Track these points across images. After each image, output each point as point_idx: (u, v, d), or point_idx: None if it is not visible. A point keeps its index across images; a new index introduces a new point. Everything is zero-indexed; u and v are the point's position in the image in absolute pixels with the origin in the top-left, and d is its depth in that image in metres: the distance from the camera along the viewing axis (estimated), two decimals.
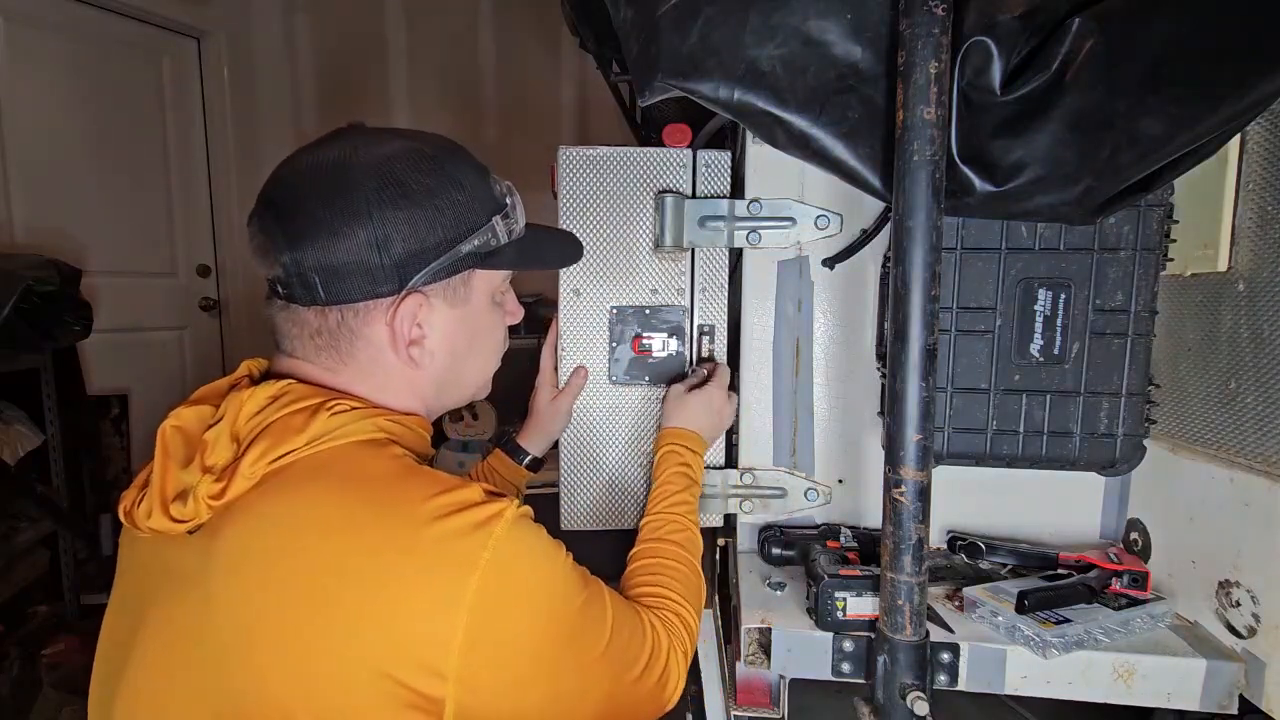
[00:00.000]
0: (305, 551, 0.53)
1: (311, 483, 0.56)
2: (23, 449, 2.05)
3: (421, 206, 0.60)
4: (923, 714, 0.70)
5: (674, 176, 1.01)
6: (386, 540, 0.53)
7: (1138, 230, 0.85)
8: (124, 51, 2.81)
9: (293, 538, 0.54)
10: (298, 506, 0.55)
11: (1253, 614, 0.77)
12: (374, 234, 0.58)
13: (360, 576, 0.52)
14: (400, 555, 0.53)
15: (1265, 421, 0.76)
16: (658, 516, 0.87)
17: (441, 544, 0.53)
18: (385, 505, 0.55)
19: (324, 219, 0.57)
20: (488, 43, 3.63)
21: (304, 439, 0.56)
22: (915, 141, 0.67)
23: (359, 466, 0.58)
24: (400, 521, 0.54)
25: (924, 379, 0.69)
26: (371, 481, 0.57)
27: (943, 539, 0.99)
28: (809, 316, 1.01)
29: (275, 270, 0.60)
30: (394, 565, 0.52)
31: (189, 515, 0.55)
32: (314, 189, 0.58)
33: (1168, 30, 0.69)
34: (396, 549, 0.53)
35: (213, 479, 0.55)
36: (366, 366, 0.64)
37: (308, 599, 0.52)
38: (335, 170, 0.59)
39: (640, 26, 0.81)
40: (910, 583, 0.70)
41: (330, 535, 0.53)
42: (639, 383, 1.04)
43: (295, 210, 0.58)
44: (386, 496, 0.56)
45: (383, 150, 0.60)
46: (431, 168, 0.62)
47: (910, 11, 0.67)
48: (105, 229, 2.74)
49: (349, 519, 0.54)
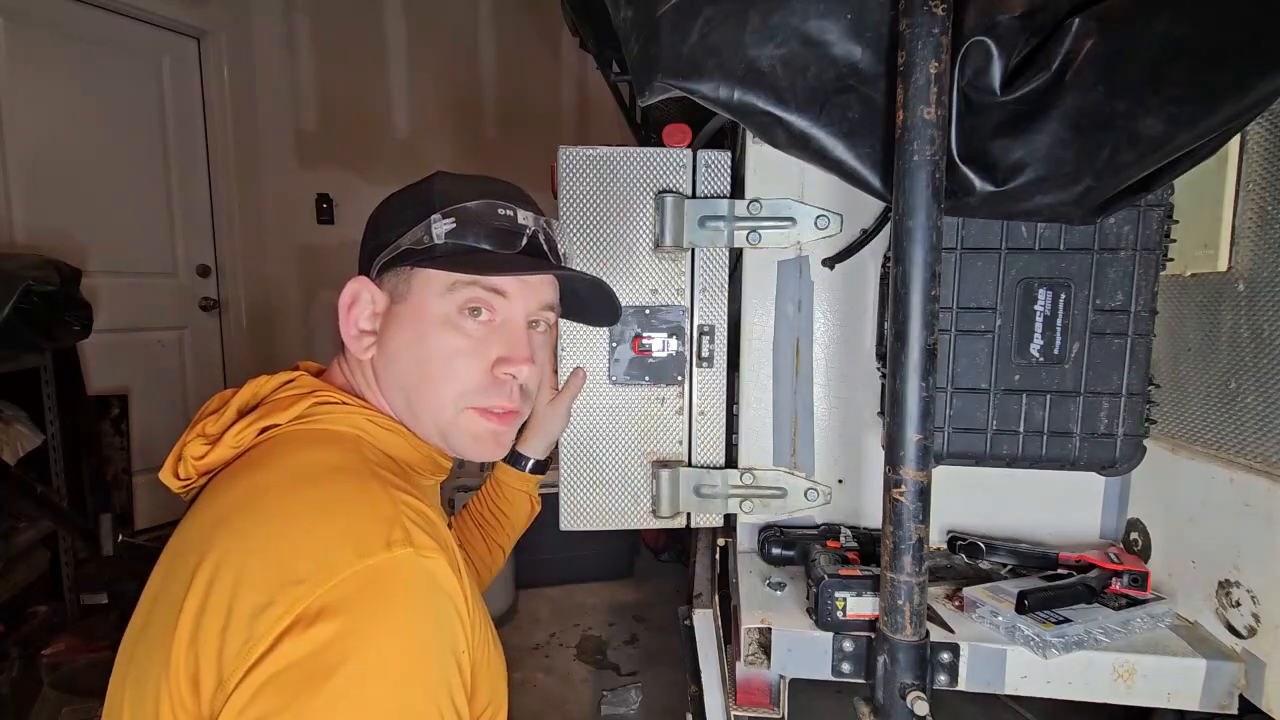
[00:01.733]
0: (219, 516, 0.57)
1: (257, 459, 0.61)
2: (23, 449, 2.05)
3: (408, 207, 0.72)
4: (923, 714, 0.70)
5: (674, 176, 1.01)
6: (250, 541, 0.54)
7: (1138, 230, 0.85)
8: (124, 51, 2.81)
9: (215, 510, 0.58)
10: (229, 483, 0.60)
11: (1253, 614, 0.77)
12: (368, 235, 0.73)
13: (217, 569, 0.53)
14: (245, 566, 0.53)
15: (1265, 421, 0.76)
16: None
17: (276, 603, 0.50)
18: (263, 509, 0.57)
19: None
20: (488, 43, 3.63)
21: (287, 416, 0.63)
22: (915, 141, 0.67)
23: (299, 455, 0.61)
24: (264, 530, 0.55)
25: (924, 379, 0.69)
26: (288, 479, 0.59)
27: (943, 539, 0.99)
28: (809, 316, 1.01)
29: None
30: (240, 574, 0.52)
31: (185, 474, 0.63)
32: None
33: (1168, 30, 0.69)
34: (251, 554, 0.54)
35: (203, 441, 0.62)
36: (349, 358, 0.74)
37: (195, 557, 0.55)
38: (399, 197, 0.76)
39: (640, 26, 0.81)
40: (910, 583, 0.70)
41: (228, 517, 0.57)
42: (639, 383, 1.04)
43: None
44: (274, 500, 0.57)
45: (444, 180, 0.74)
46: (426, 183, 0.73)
47: (910, 11, 0.67)
48: (105, 229, 2.74)
49: (244, 503, 0.57)
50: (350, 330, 0.72)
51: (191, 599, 0.52)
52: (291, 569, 0.51)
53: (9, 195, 2.48)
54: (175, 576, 0.56)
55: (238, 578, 0.51)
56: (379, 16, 3.47)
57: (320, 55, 3.41)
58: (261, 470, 0.59)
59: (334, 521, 0.55)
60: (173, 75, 3.00)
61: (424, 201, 0.71)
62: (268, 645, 0.48)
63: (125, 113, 2.82)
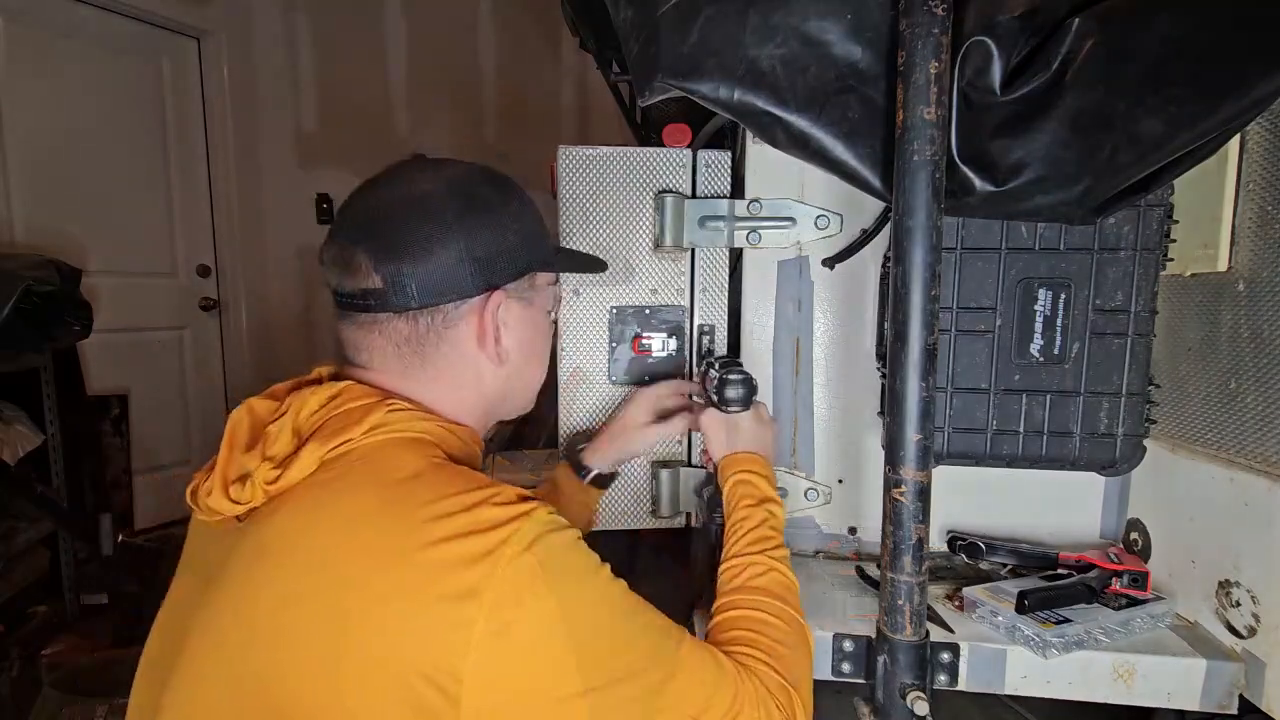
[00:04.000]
0: (328, 547, 0.54)
1: (347, 476, 0.58)
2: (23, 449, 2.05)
3: (495, 214, 0.67)
4: (923, 714, 0.70)
5: (674, 176, 1.01)
6: (390, 546, 0.53)
7: (1138, 230, 0.85)
8: (124, 51, 2.81)
9: (319, 531, 0.55)
10: (328, 499, 0.57)
11: (1253, 614, 0.77)
12: (463, 244, 0.64)
13: (369, 581, 0.52)
14: (403, 565, 0.52)
15: (1265, 421, 0.76)
16: (736, 561, 0.77)
17: (452, 543, 0.52)
18: (394, 505, 0.55)
19: (421, 233, 0.63)
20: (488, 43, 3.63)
21: (361, 429, 0.59)
22: (915, 141, 0.67)
23: (391, 463, 0.59)
24: (403, 525, 0.54)
25: (924, 379, 0.69)
26: (394, 480, 0.57)
27: (943, 539, 0.99)
28: (809, 316, 1.01)
29: (369, 282, 0.63)
30: (398, 575, 0.52)
31: (246, 498, 0.58)
32: (407, 209, 0.64)
33: (1168, 30, 0.69)
34: (399, 556, 0.52)
35: (271, 465, 0.58)
36: (444, 370, 0.67)
37: (328, 594, 0.52)
38: (420, 194, 0.66)
39: (640, 26, 0.81)
40: (910, 583, 0.70)
41: (348, 533, 0.54)
42: (639, 382, 1.04)
43: (393, 228, 0.64)
44: (398, 496, 0.56)
45: (452, 172, 0.68)
46: (494, 183, 0.70)
47: (910, 11, 0.67)
48: (105, 229, 2.74)
49: (364, 517, 0.55)
50: (490, 349, 0.68)
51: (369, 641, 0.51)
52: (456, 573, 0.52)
53: (9, 195, 2.48)
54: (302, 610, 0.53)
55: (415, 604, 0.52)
56: (379, 16, 3.47)
57: (320, 55, 3.41)
58: (360, 534, 0.54)
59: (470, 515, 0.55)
60: (173, 75, 3.00)
61: (519, 211, 0.70)
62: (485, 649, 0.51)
63: (125, 113, 2.82)
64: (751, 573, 0.75)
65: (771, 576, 0.75)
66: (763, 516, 0.80)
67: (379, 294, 0.63)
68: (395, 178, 0.68)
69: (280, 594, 0.54)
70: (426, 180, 0.67)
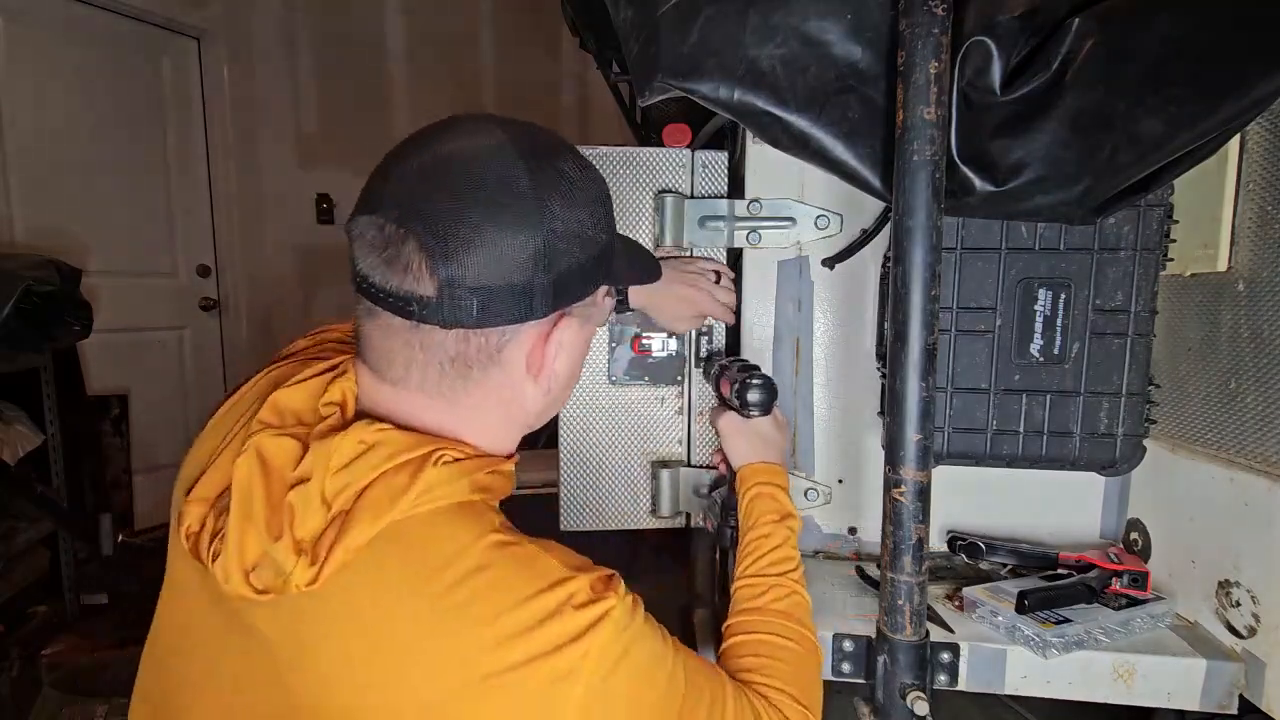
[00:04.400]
0: (383, 651, 0.48)
1: (397, 566, 0.50)
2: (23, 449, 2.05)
3: (578, 204, 0.55)
4: (923, 714, 0.70)
5: (674, 176, 1.01)
6: (469, 655, 0.48)
7: (1138, 230, 0.85)
8: (124, 51, 2.81)
9: (370, 632, 0.49)
10: (377, 593, 0.50)
11: (1253, 614, 0.77)
12: (541, 248, 0.52)
13: (441, 692, 0.48)
14: (485, 671, 0.48)
15: (1265, 421, 0.76)
16: (758, 580, 0.74)
17: (534, 662, 0.48)
18: (469, 610, 0.49)
19: (490, 230, 0.50)
20: (488, 43, 3.63)
21: (409, 499, 0.50)
22: (915, 141, 0.67)
23: (443, 548, 0.51)
24: (485, 631, 0.48)
25: (924, 379, 0.69)
26: (454, 580, 0.49)
27: (943, 539, 0.99)
28: (809, 316, 1.01)
29: (419, 287, 0.50)
30: (478, 682, 0.47)
31: (275, 589, 0.49)
32: (476, 185, 0.51)
33: (1168, 30, 0.69)
34: (482, 664, 0.48)
35: (308, 562, 0.49)
36: (490, 396, 0.57)
37: (387, 708, 0.48)
38: (491, 170, 0.51)
39: (640, 26, 0.81)
40: (910, 583, 0.70)
41: (410, 639, 0.48)
42: (639, 383, 1.04)
43: (456, 213, 0.50)
44: (471, 596, 0.49)
45: (529, 152, 0.53)
46: (576, 157, 0.56)
47: (910, 11, 0.67)
48: (105, 229, 2.74)
49: (430, 621, 0.49)
50: (544, 379, 0.58)
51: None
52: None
53: (9, 195, 2.48)
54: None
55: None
56: (379, 16, 3.47)
57: (320, 55, 3.41)
58: (422, 599, 0.49)
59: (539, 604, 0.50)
60: (173, 75, 3.00)
61: (596, 178, 0.59)
62: None
63: (125, 113, 2.82)
64: (775, 595, 0.73)
65: (794, 600, 0.74)
66: (785, 535, 0.77)
67: (428, 303, 0.50)
68: (452, 136, 0.54)
69: (328, 693, 0.49)
70: (495, 145, 0.52)
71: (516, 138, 0.53)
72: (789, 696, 0.66)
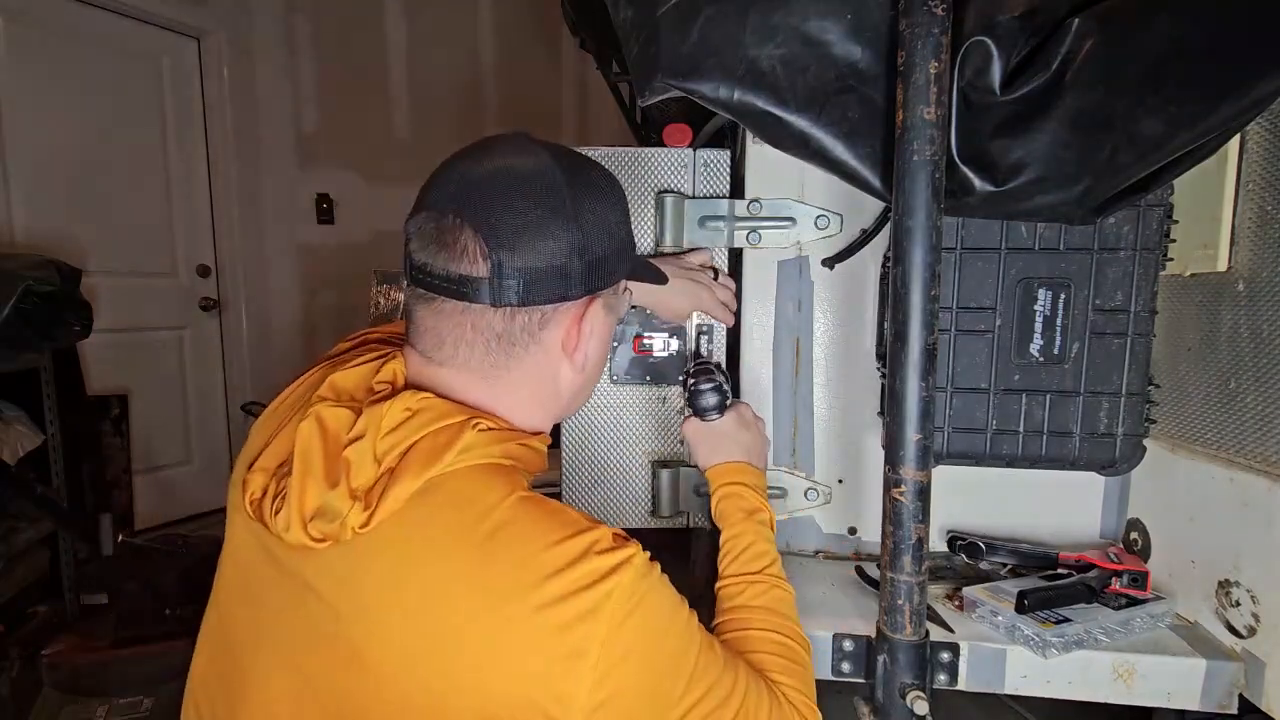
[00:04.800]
0: (430, 591, 0.53)
1: (439, 516, 0.55)
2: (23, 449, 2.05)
3: (606, 207, 0.63)
4: (923, 714, 0.70)
5: (674, 176, 1.01)
6: (506, 593, 0.52)
7: (1138, 230, 0.85)
8: (124, 51, 2.81)
9: (417, 573, 0.54)
10: (423, 538, 0.54)
11: (1252, 614, 0.77)
12: (577, 238, 0.59)
13: (480, 626, 0.52)
14: (521, 608, 0.52)
15: (1265, 421, 0.76)
16: (736, 580, 0.77)
17: (562, 600, 0.52)
18: (504, 553, 0.54)
19: (535, 220, 0.58)
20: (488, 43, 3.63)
21: (451, 455, 0.56)
22: (915, 141, 0.67)
23: (481, 500, 0.56)
24: (520, 572, 0.53)
25: (924, 379, 0.69)
26: (485, 532, 0.54)
27: (943, 539, 0.99)
28: (809, 316, 1.01)
29: (474, 269, 0.57)
30: (515, 618, 0.52)
31: (331, 535, 0.55)
32: (522, 186, 0.58)
33: (1168, 30, 0.69)
34: (517, 601, 0.52)
35: (361, 507, 0.54)
36: (529, 374, 0.63)
37: (433, 638, 0.52)
38: (533, 170, 0.59)
39: (640, 26, 0.81)
40: (910, 582, 0.70)
41: (452, 579, 0.53)
42: (640, 382, 1.04)
43: (506, 208, 0.57)
44: (506, 541, 0.54)
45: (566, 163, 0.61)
46: (601, 170, 0.65)
47: (910, 11, 0.67)
48: (105, 229, 2.74)
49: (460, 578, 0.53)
50: (578, 357, 0.65)
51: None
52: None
53: (9, 195, 2.48)
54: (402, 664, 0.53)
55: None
56: (379, 16, 3.47)
57: (320, 55, 3.41)
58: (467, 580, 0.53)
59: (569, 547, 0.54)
60: (173, 75, 2.99)
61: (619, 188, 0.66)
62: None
63: (125, 113, 2.81)
64: (755, 591, 0.75)
65: (774, 594, 0.76)
66: (756, 530, 0.79)
67: (479, 284, 0.57)
68: (503, 157, 0.61)
69: (382, 635, 0.53)
70: (541, 165, 0.60)
71: (555, 153, 0.62)
72: (791, 688, 0.68)
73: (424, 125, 3.52)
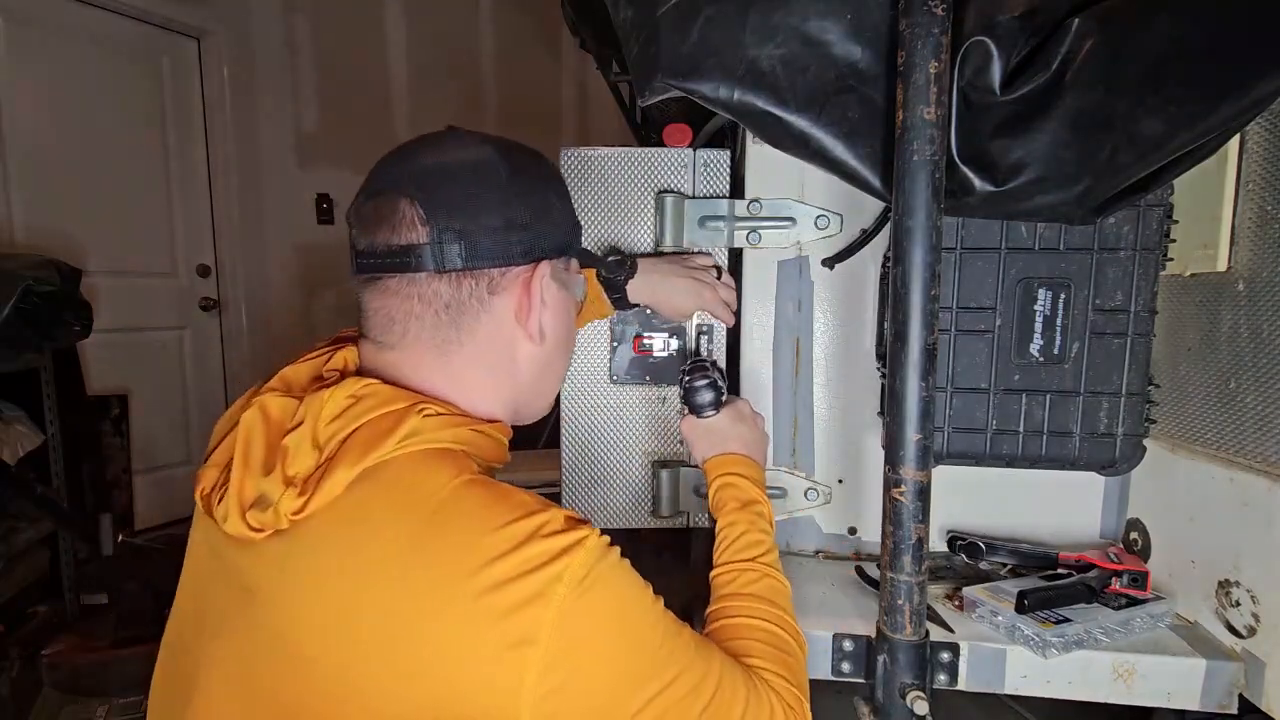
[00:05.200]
0: (367, 580, 0.51)
1: (377, 502, 0.53)
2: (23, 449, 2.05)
3: (543, 186, 0.65)
4: (923, 713, 0.70)
5: (674, 176, 1.01)
6: (446, 579, 0.50)
7: (1138, 230, 0.85)
8: (124, 51, 2.81)
9: (354, 560, 0.52)
10: (360, 537, 0.53)
11: (1252, 614, 0.77)
12: (516, 206, 0.61)
13: (421, 614, 0.49)
14: (462, 593, 0.49)
15: (1265, 421, 0.76)
16: (727, 569, 0.76)
17: (507, 584, 0.50)
18: (445, 537, 0.51)
19: (471, 189, 0.59)
20: (488, 43, 3.63)
21: (393, 441, 0.54)
22: (915, 141, 0.67)
23: (425, 485, 0.54)
24: (462, 556, 0.51)
25: (924, 379, 0.69)
26: (428, 512, 0.53)
27: (943, 539, 0.99)
28: (809, 316, 1.01)
29: (414, 235, 0.58)
30: (456, 605, 0.49)
31: (267, 524, 0.54)
32: (457, 166, 0.60)
33: (1168, 30, 0.69)
34: (458, 587, 0.50)
35: (296, 493, 0.53)
36: (482, 348, 0.63)
37: (372, 629, 0.50)
38: (470, 155, 0.61)
39: (640, 26, 0.81)
40: (910, 582, 0.70)
41: (390, 565, 0.51)
42: (640, 382, 1.04)
43: (442, 182, 0.59)
44: (447, 524, 0.52)
45: (497, 141, 0.64)
46: (538, 157, 0.67)
47: (910, 11, 0.67)
48: (105, 229, 2.74)
49: (400, 559, 0.51)
50: (532, 322, 0.64)
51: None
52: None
53: (9, 195, 2.48)
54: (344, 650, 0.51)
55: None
56: (379, 16, 3.47)
57: (320, 55, 3.41)
58: (403, 525, 0.52)
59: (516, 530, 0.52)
60: (173, 75, 3.00)
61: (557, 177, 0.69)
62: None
63: (125, 112, 2.82)
64: (746, 579, 0.75)
65: (766, 583, 0.75)
66: (750, 520, 0.79)
67: (421, 251, 0.58)
68: (436, 142, 0.63)
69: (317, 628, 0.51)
70: (473, 144, 0.63)
71: (498, 144, 0.63)
72: (774, 675, 0.66)
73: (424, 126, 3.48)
